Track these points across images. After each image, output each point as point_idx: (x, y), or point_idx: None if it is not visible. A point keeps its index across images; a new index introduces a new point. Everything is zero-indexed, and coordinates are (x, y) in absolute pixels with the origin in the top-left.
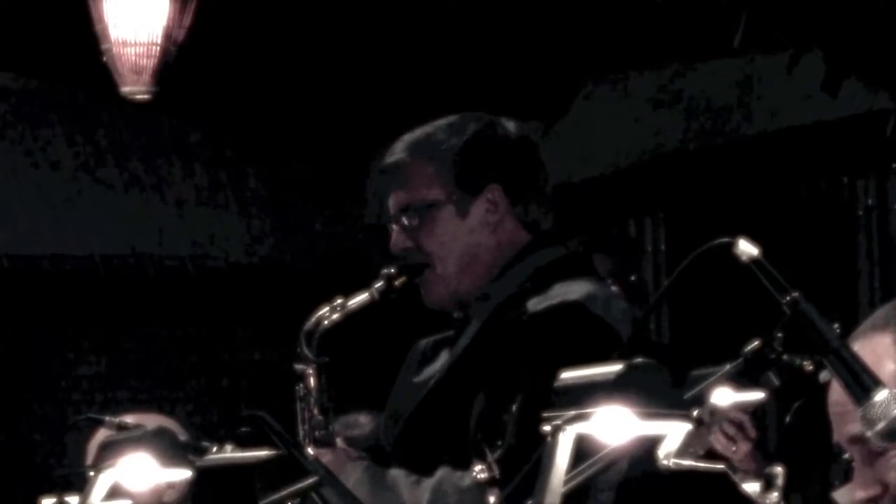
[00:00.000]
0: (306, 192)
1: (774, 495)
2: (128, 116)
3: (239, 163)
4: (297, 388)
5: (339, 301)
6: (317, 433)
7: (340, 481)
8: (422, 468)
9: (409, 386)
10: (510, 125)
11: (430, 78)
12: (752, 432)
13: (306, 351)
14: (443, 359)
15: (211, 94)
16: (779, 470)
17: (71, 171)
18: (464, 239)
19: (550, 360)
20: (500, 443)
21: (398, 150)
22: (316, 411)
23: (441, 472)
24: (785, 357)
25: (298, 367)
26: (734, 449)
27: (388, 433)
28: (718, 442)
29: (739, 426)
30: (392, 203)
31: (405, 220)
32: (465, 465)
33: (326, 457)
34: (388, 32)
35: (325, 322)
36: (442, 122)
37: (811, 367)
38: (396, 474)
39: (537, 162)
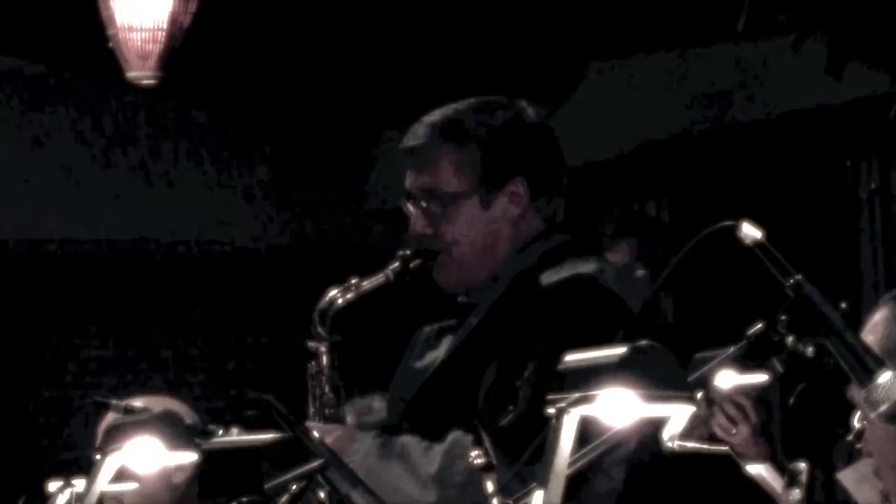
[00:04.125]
0: (313, 176)
1: (797, 492)
2: (134, 102)
3: (245, 148)
4: (308, 365)
5: (354, 281)
6: (327, 411)
7: (346, 463)
8: (428, 432)
9: (412, 371)
10: (531, 111)
11: (437, 61)
12: (754, 416)
13: (320, 329)
14: (446, 345)
15: (216, 79)
16: (802, 466)
17: (77, 157)
18: (484, 229)
19: (563, 332)
20: (511, 408)
21: (424, 133)
22: (327, 389)
23: (453, 436)
24: (788, 340)
25: (311, 344)
26: (734, 431)
27: (392, 417)
28: (717, 424)
29: (740, 408)
30: (413, 184)
31: (426, 205)
32: None
33: (336, 432)
34: (395, 16)
35: (339, 301)
36: (466, 104)
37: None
38: (407, 441)
39: (559, 154)
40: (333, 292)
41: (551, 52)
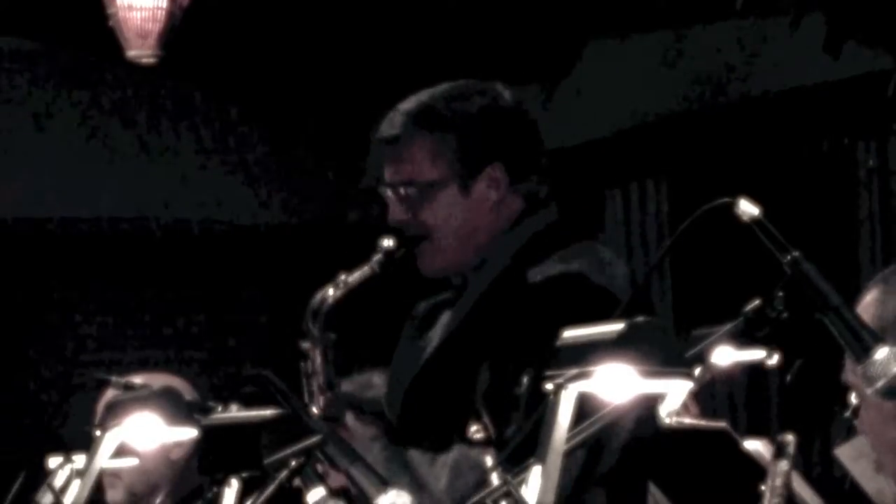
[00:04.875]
0: (312, 155)
1: (785, 463)
2: (133, 80)
3: (245, 126)
4: (303, 365)
5: (342, 277)
6: (328, 410)
7: (344, 439)
8: (428, 437)
9: (411, 349)
10: (507, 94)
11: (433, 40)
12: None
13: (312, 329)
14: (443, 321)
15: (216, 57)
16: (790, 438)
17: (77, 135)
18: (464, 215)
19: (553, 332)
20: (514, 415)
21: (399, 122)
22: (324, 387)
23: (459, 450)
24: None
25: (304, 344)
26: None
27: (391, 399)
28: None
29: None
30: (391, 174)
31: (405, 193)
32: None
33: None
34: None
35: (329, 299)
36: (442, 90)
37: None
38: (412, 455)
39: (537, 137)
40: (322, 291)
41: (548, 31)
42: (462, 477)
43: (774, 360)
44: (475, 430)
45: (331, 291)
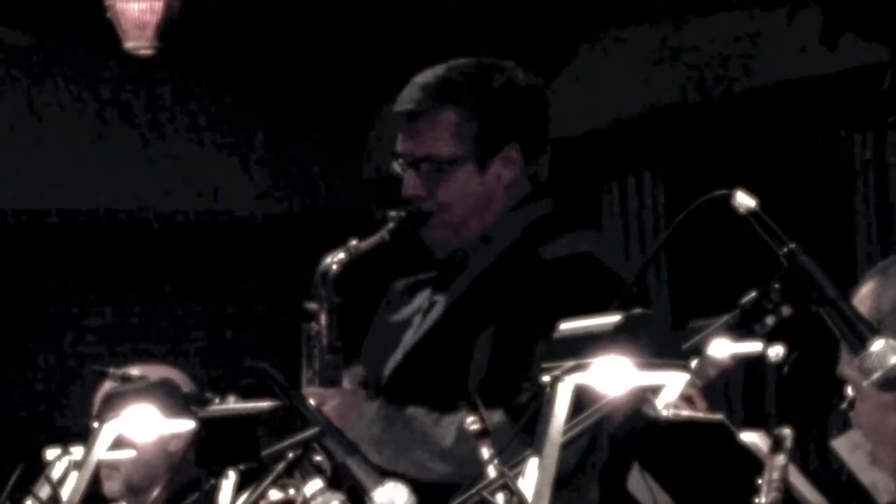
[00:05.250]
0: (310, 146)
1: (782, 457)
2: (131, 72)
3: (242, 117)
4: (306, 326)
5: (353, 243)
6: (326, 373)
7: (342, 431)
8: (431, 400)
9: (387, 325)
10: (521, 75)
11: (433, 31)
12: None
13: (321, 290)
14: (420, 299)
15: (214, 49)
16: (787, 432)
17: (76, 127)
18: (478, 193)
19: (562, 310)
20: (526, 385)
21: (421, 96)
22: (327, 350)
23: (466, 413)
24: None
25: (311, 305)
26: None
27: (371, 371)
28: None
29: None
30: (408, 147)
31: (422, 168)
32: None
33: (337, 398)
34: None
35: (339, 262)
36: (460, 66)
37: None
38: (414, 412)
39: (548, 120)
40: (333, 254)
41: (547, 23)
42: (468, 441)
43: (775, 352)
44: (471, 422)
45: (341, 255)
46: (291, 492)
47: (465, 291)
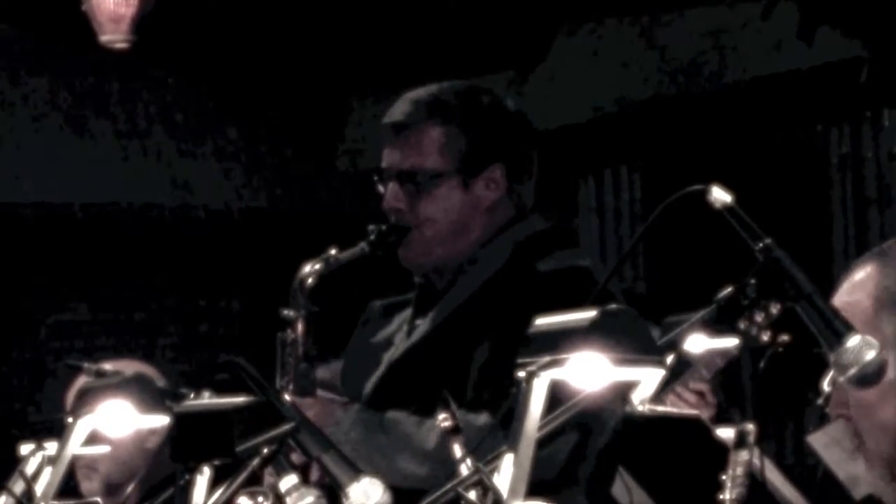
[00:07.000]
0: (285, 140)
1: (746, 452)
2: (106, 66)
3: (217, 112)
4: (282, 335)
5: (332, 253)
6: (300, 381)
7: (317, 427)
8: (415, 405)
9: (366, 346)
10: (508, 101)
11: (407, 27)
12: (713, 399)
13: (299, 298)
14: (398, 320)
15: (189, 42)
16: (751, 427)
17: (51, 121)
18: (459, 211)
19: None
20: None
21: (411, 109)
22: (301, 358)
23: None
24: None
25: (288, 313)
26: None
27: (350, 391)
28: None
29: (700, 394)
30: (393, 159)
31: (406, 182)
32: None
33: (315, 407)
34: None
35: (317, 272)
36: (450, 85)
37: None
38: (395, 416)
39: (535, 145)
40: (311, 264)
41: (523, 16)
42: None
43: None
44: (442, 419)
45: (319, 266)
46: (261, 499)
47: (457, 308)
